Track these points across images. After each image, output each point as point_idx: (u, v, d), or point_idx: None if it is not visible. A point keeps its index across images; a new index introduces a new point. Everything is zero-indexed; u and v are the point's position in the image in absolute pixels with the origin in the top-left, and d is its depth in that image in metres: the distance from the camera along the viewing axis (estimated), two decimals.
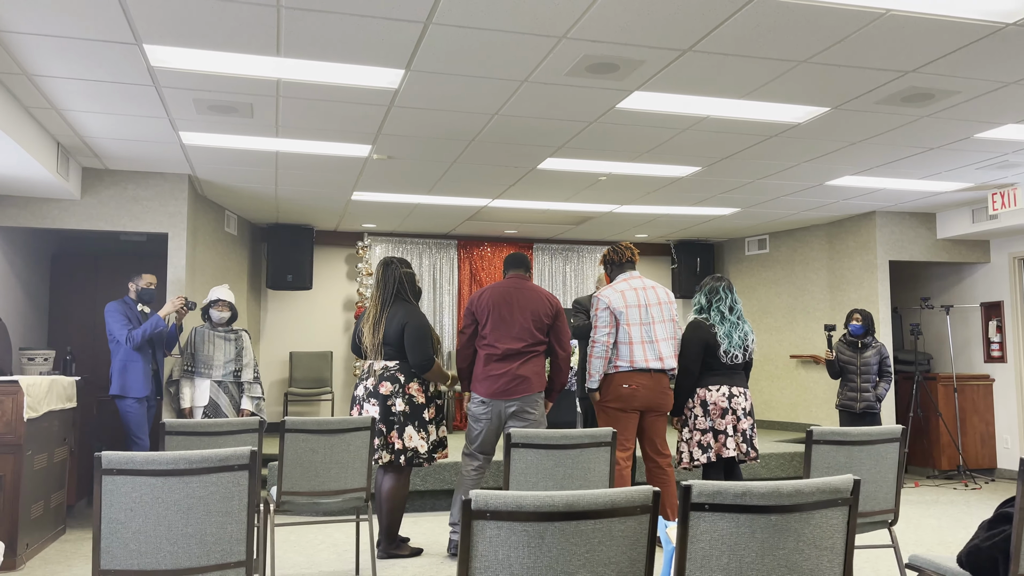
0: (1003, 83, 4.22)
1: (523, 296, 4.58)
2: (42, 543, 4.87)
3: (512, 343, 4.50)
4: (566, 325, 4.65)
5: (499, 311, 4.55)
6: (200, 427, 3.85)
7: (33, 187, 5.53)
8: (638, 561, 1.88)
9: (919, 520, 5.84)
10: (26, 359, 5.58)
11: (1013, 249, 7.88)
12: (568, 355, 4.65)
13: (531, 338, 4.53)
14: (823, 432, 3.45)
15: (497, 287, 4.64)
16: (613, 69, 4.00)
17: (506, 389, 4.47)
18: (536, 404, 4.53)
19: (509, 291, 4.60)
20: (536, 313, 4.55)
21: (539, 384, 4.55)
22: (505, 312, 4.54)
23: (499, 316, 4.54)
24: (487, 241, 9.56)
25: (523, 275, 4.72)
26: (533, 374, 4.51)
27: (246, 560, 2.58)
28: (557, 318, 4.61)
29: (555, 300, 4.65)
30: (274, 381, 8.93)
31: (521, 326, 4.51)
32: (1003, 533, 2.58)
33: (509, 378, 4.47)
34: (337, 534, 5.32)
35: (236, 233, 7.95)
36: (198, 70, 4.02)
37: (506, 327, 4.52)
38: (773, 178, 6.41)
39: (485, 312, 4.58)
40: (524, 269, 4.75)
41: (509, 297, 4.58)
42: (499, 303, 4.57)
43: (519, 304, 4.55)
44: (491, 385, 4.49)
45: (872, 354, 6.51)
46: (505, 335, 4.51)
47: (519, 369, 4.47)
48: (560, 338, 4.61)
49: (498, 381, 4.48)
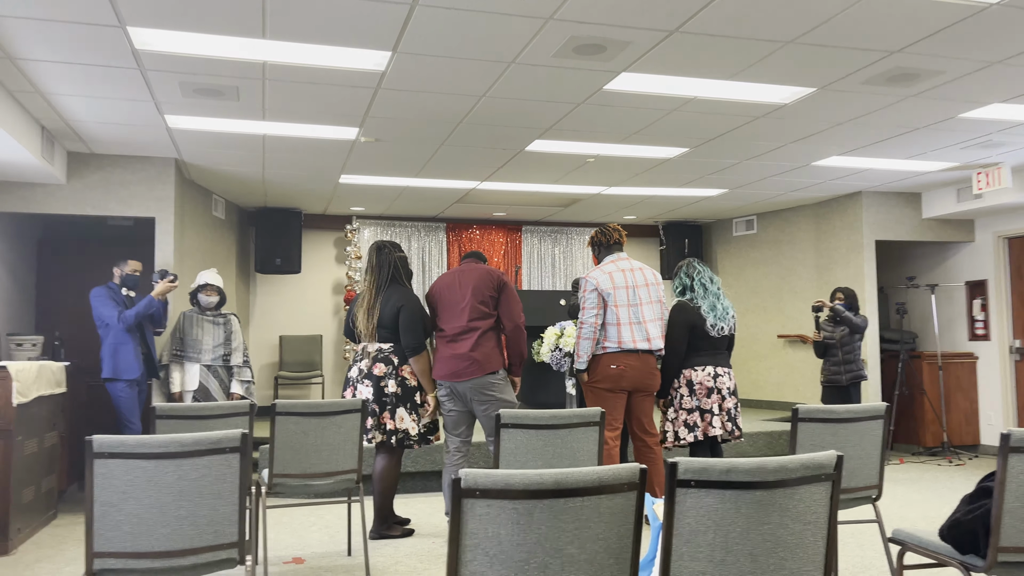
0: (987, 63, 4.24)
1: (466, 276, 4.64)
2: (34, 528, 4.88)
3: (457, 321, 4.55)
4: (513, 296, 4.62)
5: (445, 295, 4.64)
6: (191, 411, 3.86)
7: (18, 171, 5.49)
8: (626, 537, 1.91)
9: (903, 496, 5.92)
10: (14, 345, 5.56)
11: (998, 228, 7.95)
12: (517, 326, 4.59)
13: (475, 313, 4.53)
14: (808, 410, 3.49)
15: (445, 274, 4.75)
16: (600, 50, 4.00)
17: (457, 371, 4.50)
18: (493, 385, 4.51)
19: (455, 275, 4.69)
20: (478, 288, 4.56)
21: (492, 364, 4.51)
22: (448, 294, 4.62)
23: (445, 299, 4.63)
24: (476, 224, 9.55)
25: (475, 261, 4.79)
26: (483, 355, 4.49)
27: (238, 541, 2.60)
28: (502, 291, 4.59)
29: (498, 274, 4.65)
30: (264, 365, 8.93)
31: (464, 303, 4.56)
32: (984, 507, 2.63)
33: (459, 359, 4.50)
34: (329, 516, 5.36)
35: (224, 217, 7.92)
36: (183, 53, 3.99)
37: (451, 307, 4.59)
38: (760, 159, 6.43)
39: (435, 299, 4.68)
40: (478, 258, 4.84)
41: (453, 280, 4.66)
42: (445, 288, 4.66)
43: (461, 283, 4.62)
44: (445, 368, 4.55)
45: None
46: (451, 315, 4.58)
47: (471, 351, 4.48)
48: (509, 310, 4.58)
49: (450, 364, 4.53)
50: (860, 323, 6.51)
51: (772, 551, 1.96)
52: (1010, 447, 2.55)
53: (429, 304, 4.72)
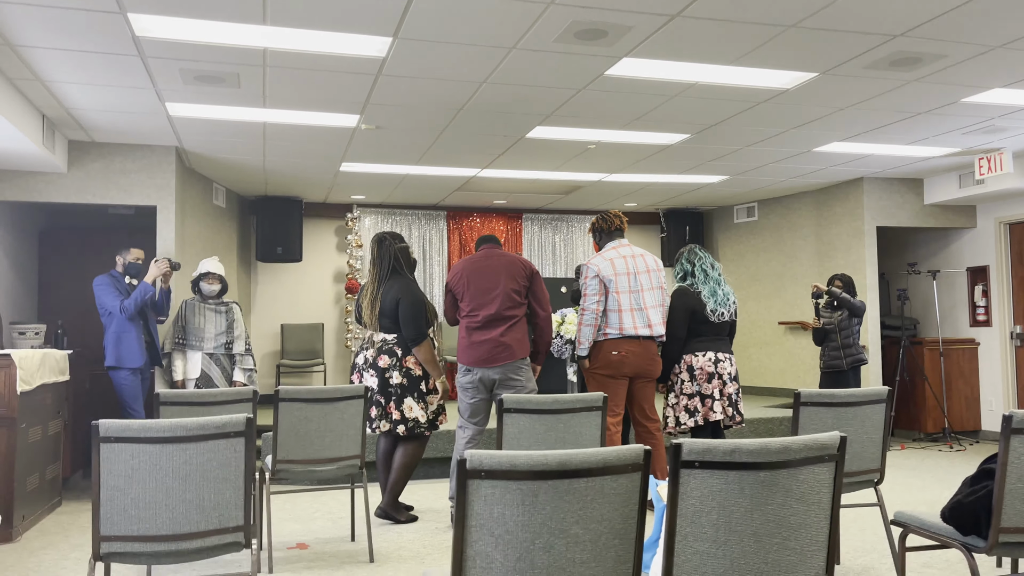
0: (989, 47, 4.23)
1: (496, 263, 4.64)
2: (38, 515, 4.91)
3: (491, 309, 4.55)
4: (543, 286, 4.70)
5: (475, 281, 4.61)
6: (194, 397, 3.87)
7: (19, 160, 5.48)
8: (630, 518, 1.92)
9: (905, 481, 5.95)
10: (17, 333, 5.57)
11: (999, 214, 7.94)
12: (548, 315, 4.68)
13: (509, 302, 4.57)
14: (810, 394, 3.50)
15: (471, 259, 4.72)
16: (601, 35, 3.99)
17: (488, 356, 4.52)
18: (520, 370, 4.56)
19: (482, 260, 4.67)
20: (511, 276, 4.59)
21: (522, 350, 4.57)
22: (481, 281, 4.60)
23: (476, 286, 4.60)
24: (476, 212, 9.55)
25: (494, 246, 4.77)
26: (515, 341, 4.55)
27: (244, 525, 2.62)
28: (533, 280, 4.65)
29: (528, 263, 4.70)
30: (266, 353, 8.94)
31: (498, 292, 4.56)
32: (985, 488, 2.64)
33: (491, 345, 4.51)
34: (332, 503, 5.38)
35: (224, 205, 7.91)
36: (183, 39, 3.98)
37: (483, 295, 4.58)
38: (761, 145, 6.42)
39: (462, 284, 4.64)
40: (495, 242, 4.82)
41: (483, 266, 4.64)
42: (474, 273, 4.63)
43: (493, 271, 4.61)
44: (473, 353, 4.55)
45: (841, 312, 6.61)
46: (484, 303, 4.57)
47: (501, 336, 4.52)
48: (539, 299, 4.66)
49: (480, 349, 4.53)
50: (859, 304, 6.52)
51: (775, 531, 1.97)
52: (1012, 428, 2.56)
53: (453, 289, 4.69)
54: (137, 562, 2.55)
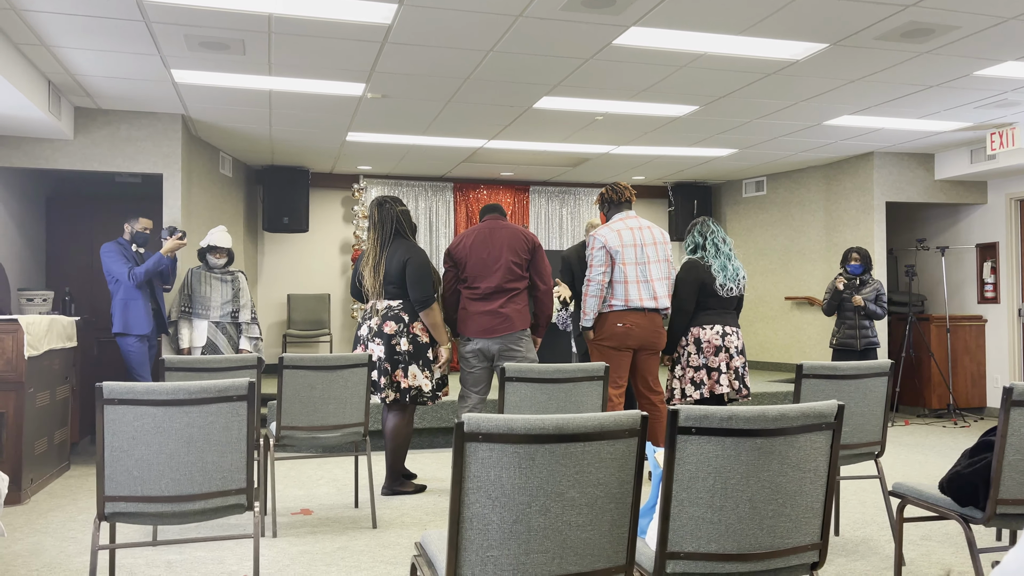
0: (1003, 18, 4.17)
1: (499, 235, 4.65)
2: (47, 479, 4.97)
3: (491, 280, 4.58)
4: (545, 260, 4.73)
5: (477, 252, 4.63)
6: (200, 363, 3.90)
7: (25, 126, 5.49)
8: (626, 483, 1.93)
9: (907, 457, 5.96)
10: (24, 300, 5.61)
11: (1010, 190, 7.87)
12: (550, 288, 4.72)
13: (511, 275, 4.60)
14: (813, 366, 3.50)
15: (473, 230, 4.72)
16: (609, 3, 3.95)
17: (489, 327, 4.56)
18: (521, 341, 4.61)
19: (485, 232, 4.67)
20: (513, 249, 4.62)
21: (522, 322, 4.62)
22: (483, 252, 4.62)
23: (478, 257, 4.62)
24: (483, 183, 9.52)
25: (498, 217, 4.76)
26: (515, 312, 4.59)
27: (246, 488, 2.64)
28: (535, 252, 4.68)
29: (531, 235, 4.72)
30: (272, 323, 8.98)
31: (499, 264, 4.58)
32: (984, 460, 2.64)
33: (491, 317, 4.56)
34: (337, 470, 5.43)
35: (231, 175, 7.91)
36: (188, 4, 3.96)
37: (485, 266, 4.60)
38: (771, 118, 6.36)
39: (464, 255, 4.65)
40: (499, 212, 4.81)
41: (486, 237, 4.65)
42: (476, 245, 4.64)
43: (495, 243, 4.62)
44: (474, 324, 4.59)
45: (869, 291, 6.57)
46: (485, 274, 4.60)
47: (502, 308, 4.55)
48: (540, 272, 4.69)
49: (481, 320, 4.57)
50: (882, 315, 6.56)
51: (771, 498, 1.98)
52: (1012, 401, 2.56)
53: (454, 260, 4.70)
54: (141, 522, 2.59)
